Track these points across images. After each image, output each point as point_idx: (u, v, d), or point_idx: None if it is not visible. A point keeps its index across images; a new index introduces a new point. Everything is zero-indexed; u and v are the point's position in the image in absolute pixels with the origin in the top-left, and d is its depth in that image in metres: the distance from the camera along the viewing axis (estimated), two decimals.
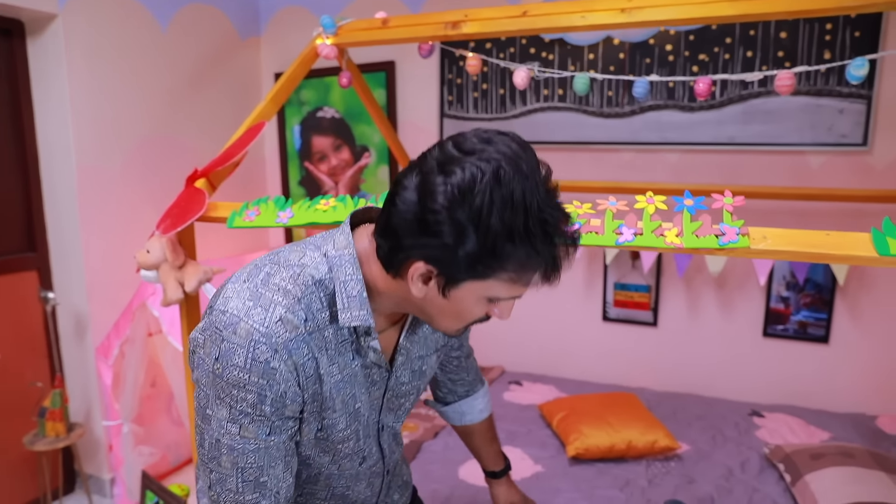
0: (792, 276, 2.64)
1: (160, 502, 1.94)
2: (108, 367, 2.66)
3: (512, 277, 0.85)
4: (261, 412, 0.88)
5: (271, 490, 0.94)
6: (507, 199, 0.78)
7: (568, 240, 0.84)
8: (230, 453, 0.90)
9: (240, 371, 0.85)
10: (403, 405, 1.11)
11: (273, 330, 0.86)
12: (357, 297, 0.91)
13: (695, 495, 1.99)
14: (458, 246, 0.80)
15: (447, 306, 0.89)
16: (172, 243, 1.63)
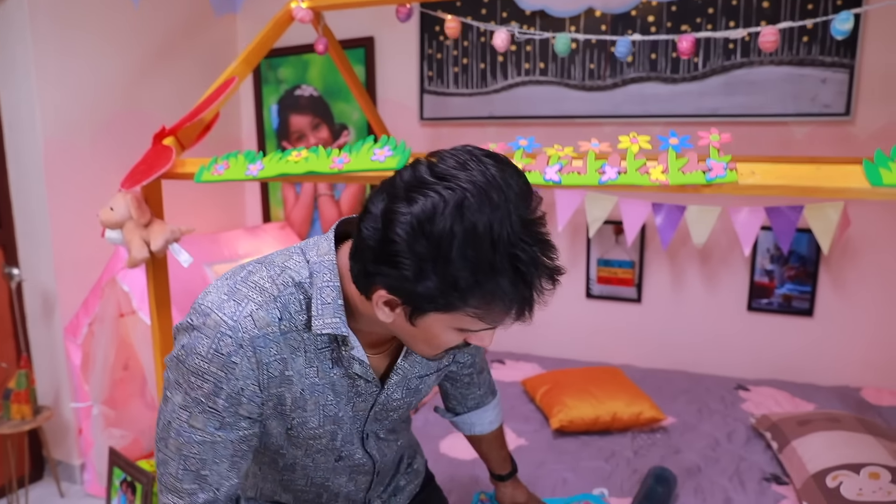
0: (776, 248, 2.62)
1: (128, 479, 1.86)
2: (77, 347, 2.57)
3: (478, 314, 0.80)
4: (213, 404, 0.87)
5: (211, 485, 0.92)
6: (468, 232, 0.73)
7: (545, 274, 0.79)
8: (177, 438, 0.89)
9: (201, 360, 0.85)
10: (391, 416, 1.09)
11: (241, 324, 0.85)
12: (332, 305, 0.88)
13: (681, 465, 1.95)
14: (417, 279, 0.76)
15: (418, 333, 0.86)
16: (137, 200, 1.56)
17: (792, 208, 2.34)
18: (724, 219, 2.54)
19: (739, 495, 1.81)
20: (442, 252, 0.74)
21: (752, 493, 1.82)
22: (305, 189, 3.44)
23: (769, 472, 1.92)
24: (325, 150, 1.42)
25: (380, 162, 1.34)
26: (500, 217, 0.73)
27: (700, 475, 1.92)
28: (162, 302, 1.69)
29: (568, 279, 2.97)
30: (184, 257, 1.58)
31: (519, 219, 0.75)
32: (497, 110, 2.93)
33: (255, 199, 3.56)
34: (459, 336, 0.86)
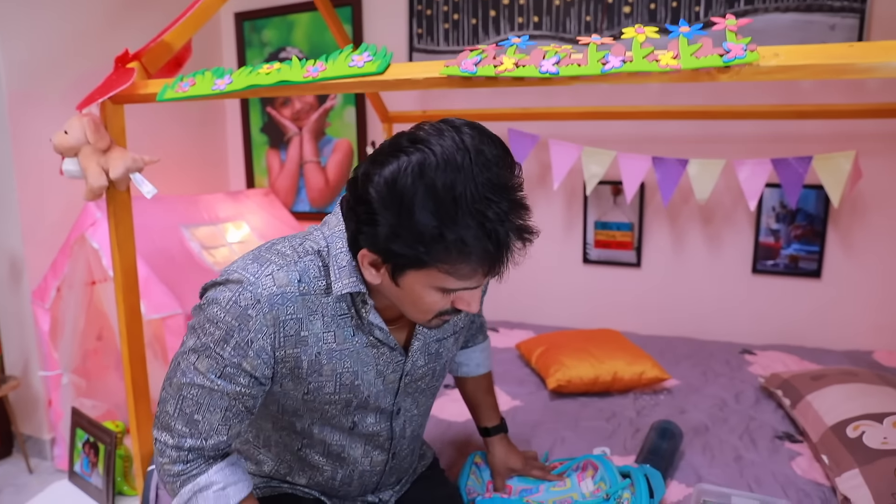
0: (782, 206, 2.50)
1: (91, 440, 1.72)
2: (45, 312, 2.42)
3: (447, 269, 0.84)
4: (220, 350, 0.92)
5: (201, 433, 0.96)
6: (428, 188, 0.79)
7: (513, 232, 0.82)
8: (181, 377, 0.95)
9: (219, 309, 0.91)
10: (419, 387, 1.13)
11: (261, 282, 0.91)
12: (347, 267, 0.94)
13: (687, 424, 1.81)
14: (390, 237, 0.82)
15: (404, 295, 0.91)
16: (95, 123, 1.42)
17: (800, 159, 2.22)
18: (727, 175, 2.42)
19: (751, 453, 1.68)
20: (405, 207, 0.79)
21: (764, 450, 1.69)
22: (291, 156, 3.30)
23: (781, 431, 1.79)
24: (298, 61, 1.29)
25: (358, 67, 1.21)
26: (464, 177, 0.79)
27: (707, 434, 1.79)
28: (124, 242, 1.55)
29: (564, 244, 2.84)
30: (147, 188, 1.44)
31: (487, 180, 0.80)
32: None
33: (239, 167, 3.42)
34: (442, 297, 0.90)
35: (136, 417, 1.61)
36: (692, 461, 1.63)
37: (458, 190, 0.79)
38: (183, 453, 0.98)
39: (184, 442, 0.97)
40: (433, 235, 0.80)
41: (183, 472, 0.98)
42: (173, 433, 0.97)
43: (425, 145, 0.81)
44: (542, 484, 1.41)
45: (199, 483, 0.98)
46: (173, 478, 0.99)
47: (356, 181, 0.87)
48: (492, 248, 0.81)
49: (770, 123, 2.43)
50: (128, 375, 1.59)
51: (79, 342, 2.50)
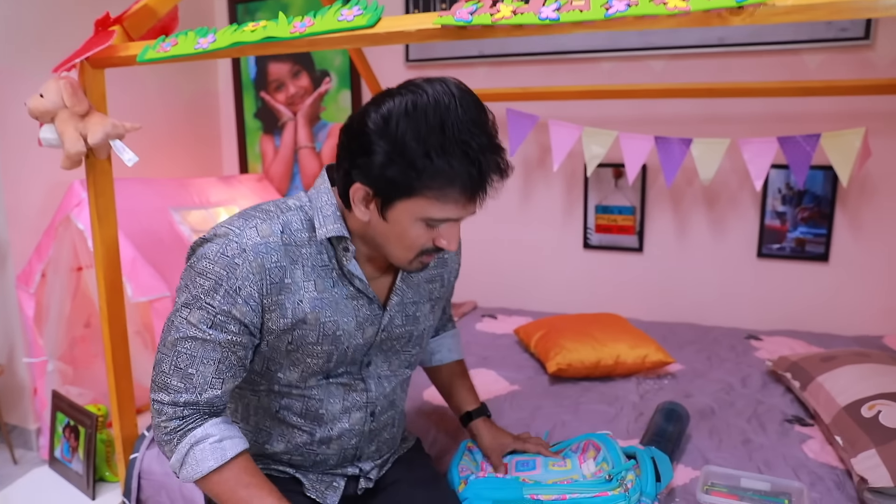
0: (788, 187, 2.43)
1: (71, 423, 1.64)
2: (30, 297, 2.35)
3: (436, 195, 0.92)
4: (210, 300, 0.97)
5: (195, 386, 1.00)
6: (420, 120, 0.89)
7: (492, 163, 0.92)
8: (175, 333, 1.00)
9: (208, 262, 0.97)
10: (394, 348, 1.17)
11: (246, 233, 0.98)
12: (332, 216, 1.02)
13: (693, 408, 1.74)
14: (384, 164, 0.91)
15: (391, 231, 0.97)
16: (72, 86, 1.35)
17: (807, 137, 2.15)
18: (732, 156, 2.35)
19: (760, 437, 1.61)
20: (399, 136, 0.89)
21: (773, 433, 1.62)
22: (285, 142, 3.23)
23: (791, 414, 1.73)
24: (285, 17, 1.22)
25: (347, 21, 1.14)
26: (451, 113, 0.89)
27: (714, 417, 1.72)
28: (105, 215, 1.48)
29: (564, 229, 2.77)
30: (128, 156, 1.37)
31: (470, 118, 0.90)
32: (487, 49, 2.74)
33: (233, 153, 3.35)
34: (426, 231, 0.97)
35: (118, 399, 1.54)
36: (699, 444, 1.57)
37: (446, 123, 0.88)
38: (178, 409, 1.01)
39: (179, 397, 1.00)
40: (423, 160, 0.89)
41: (179, 427, 1.01)
42: (169, 390, 1.00)
43: (418, 88, 0.92)
44: (539, 458, 1.34)
45: (195, 435, 1.01)
46: (170, 434, 1.01)
47: (352, 122, 0.96)
48: (475, 173, 0.91)
49: (775, 102, 2.36)
50: (108, 354, 1.52)
51: (65, 329, 2.43)
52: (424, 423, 1.68)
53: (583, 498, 1.19)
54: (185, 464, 1.01)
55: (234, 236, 0.97)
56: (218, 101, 3.32)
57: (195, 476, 1.00)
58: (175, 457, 1.01)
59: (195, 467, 1.00)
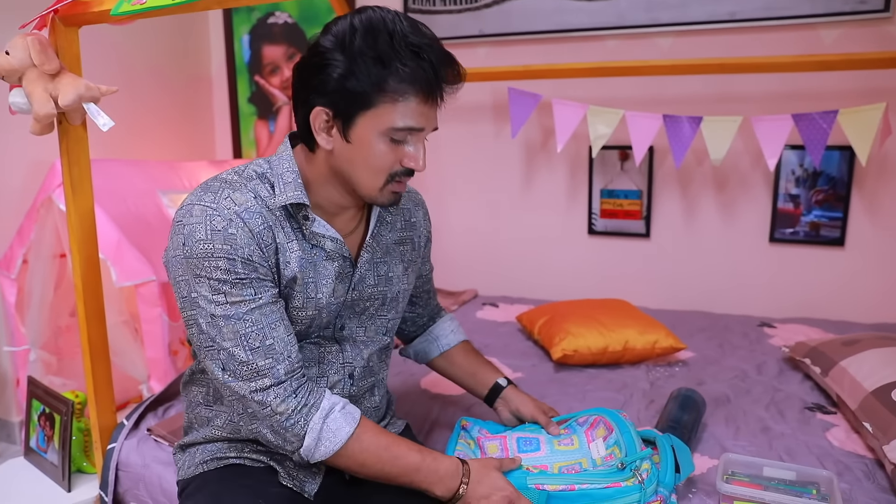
0: (802, 168, 2.33)
1: (46, 410, 1.55)
2: (11, 282, 2.26)
3: (393, 100, 0.93)
4: (236, 275, 0.95)
5: (281, 353, 0.98)
6: (367, 27, 0.91)
7: (445, 61, 0.94)
8: (227, 323, 0.95)
9: (204, 244, 0.94)
10: (368, 310, 1.14)
11: (223, 204, 0.96)
12: (292, 183, 1.01)
13: (708, 395, 1.64)
14: (340, 76, 0.92)
15: (356, 154, 0.97)
16: (41, 44, 1.24)
17: (824, 114, 2.06)
18: (744, 135, 2.25)
19: (779, 425, 1.51)
20: (353, 46, 0.91)
21: (793, 422, 1.52)
22: (280, 127, 3.13)
23: (811, 402, 1.63)
24: None
25: None
26: (398, 24, 0.92)
27: (730, 405, 1.63)
28: (79, 184, 1.38)
29: (568, 214, 2.67)
30: (102, 120, 1.27)
31: (419, 31, 0.93)
32: (488, 27, 2.64)
33: (226, 139, 3.25)
34: (392, 149, 0.97)
35: (94, 384, 1.44)
36: (715, 432, 1.47)
37: (395, 32, 0.91)
38: (285, 384, 0.98)
39: (278, 372, 0.97)
40: (376, 66, 0.91)
41: (301, 404, 0.98)
42: (262, 373, 0.97)
43: (364, 10, 0.94)
44: (542, 436, 1.24)
45: (324, 408, 1.00)
46: (295, 416, 0.98)
47: (305, 53, 0.98)
48: (428, 70, 0.92)
49: (790, 77, 2.26)
50: (84, 336, 1.41)
51: (49, 317, 2.33)
52: (421, 411, 1.59)
53: (593, 490, 1.09)
54: (320, 440, 0.98)
55: (211, 211, 0.95)
56: (211, 85, 3.22)
57: (335, 448, 0.99)
58: (309, 437, 0.98)
59: (332, 440, 0.98)
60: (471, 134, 2.76)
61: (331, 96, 0.94)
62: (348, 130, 0.95)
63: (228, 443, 1.13)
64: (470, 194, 2.81)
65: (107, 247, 2.03)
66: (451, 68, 0.95)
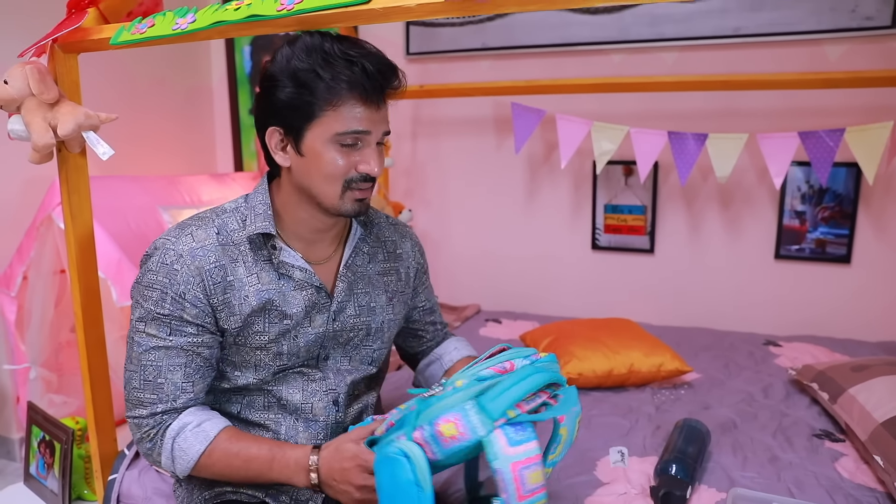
0: (808, 185, 2.31)
1: (46, 437, 1.53)
2: (11, 300, 2.24)
3: (334, 108, 0.98)
4: (161, 310, 1.01)
5: (168, 395, 1.03)
6: (303, 48, 1.00)
7: (375, 62, 1.00)
8: (136, 348, 1.03)
9: (151, 274, 1.02)
10: (352, 341, 1.16)
11: (182, 241, 1.03)
12: (262, 214, 1.07)
13: (714, 421, 1.62)
14: (283, 94, 1.00)
15: (311, 166, 1.02)
16: (40, 72, 1.23)
17: (831, 132, 2.04)
18: (750, 150, 2.23)
19: (787, 453, 1.49)
20: (292, 65, 0.99)
21: (802, 450, 1.50)
22: None
23: (819, 429, 1.61)
24: None
25: None
26: (329, 39, 1.01)
27: (736, 431, 1.61)
28: (79, 213, 1.36)
29: (571, 229, 2.66)
30: (102, 149, 1.25)
31: (348, 42, 1.01)
32: (491, 41, 2.62)
33: (227, 151, 3.23)
34: (343, 155, 1.01)
35: (95, 413, 1.42)
36: (722, 462, 1.45)
37: (326, 46, 0.99)
38: (156, 417, 1.03)
39: (156, 408, 1.03)
40: (312, 78, 0.97)
41: (157, 428, 1.04)
42: (144, 404, 1.03)
43: (300, 35, 1.03)
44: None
45: (172, 429, 1.03)
46: (152, 440, 1.04)
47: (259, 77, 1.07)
48: (360, 74, 0.97)
49: (796, 94, 2.25)
50: (84, 366, 1.40)
51: (49, 334, 2.31)
52: None
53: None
54: (175, 459, 1.03)
55: (170, 245, 1.03)
56: (212, 96, 3.21)
57: (189, 465, 1.03)
58: (164, 456, 1.04)
59: (184, 458, 1.03)
60: (473, 148, 2.74)
61: (279, 115, 1.02)
62: (300, 144, 1.02)
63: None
64: (472, 208, 2.80)
65: (107, 266, 2.01)
66: (387, 71, 1.00)
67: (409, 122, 2.83)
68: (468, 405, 0.86)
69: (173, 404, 1.03)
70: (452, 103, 2.71)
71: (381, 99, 1.02)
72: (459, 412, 0.86)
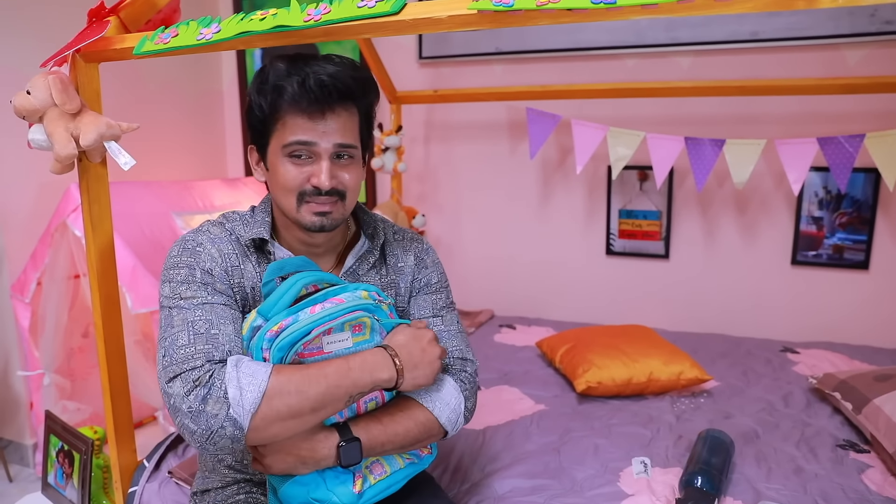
0: (825, 191, 2.29)
1: (65, 447, 1.52)
2: (25, 306, 2.23)
3: (280, 118, 1.04)
4: (194, 279, 1.03)
5: (223, 345, 0.97)
6: (267, 69, 1.07)
7: (317, 70, 1.03)
8: (179, 313, 1.00)
9: (173, 257, 1.06)
10: None
11: (199, 234, 1.10)
12: (260, 221, 1.13)
13: (735, 430, 1.61)
14: (251, 114, 1.09)
15: (273, 179, 1.08)
16: (62, 83, 1.22)
17: (850, 138, 2.02)
18: (766, 155, 2.21)
19: (812, 464, 1.47)
20: (255, 86, 1.08)
21: (826, 461, 1.49)
22: None
23: (843, 439, 1.59)
24: (298, 3, 1.09)
25: (369, 7, 1.01)
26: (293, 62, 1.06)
27: (759, 442, 1.59)
28: (99, 223, 1.35)
29: (585, 234, 2.64)
30: (124, 159, 1.24)
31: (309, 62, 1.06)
32: (504, 45, 2.61)
33: (238, 156, 3.23)
34: (296, 168, 1.05)
35: (115, 424, 1.41)
36: (746, 473, 1.43)
37: (285, 66, 1.04)
38: (212, 365, 0.93)
39: (212, 355, 0.94)
40: (267, 96, 1.04)
41: (212, 373, 0.92)
42: (196, 357, 0.94)
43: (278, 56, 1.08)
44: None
45: (231, 361, 0.94)
46: (207, 386, 0.90)
47: None
48: (297, 87, 1.01)
49: (812, 99, 2.23)
50: (104, 375, 1.39)
51: (62, 340, 2.31)
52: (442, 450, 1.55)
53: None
54: (242, 388, 0.90)
55: (189, 237, 1.09)
56: (223, 100, 3.20)
57: (261, 388, 0.90)
58: (231, 388, 0.90)
59: (254, 381, 0.90)
60: (486, 152, 2.73)
61: (250, 133, 1.11)
62: (265, 159, 1.10)
63: (237, 485, 1.13)
64: (485, 213, 2.78)
65: (122, 273, 2.00)
66: (329, 84, 1.01)
67: (422, 126, 2.82)
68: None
69: (228, 355, 0.95)
70: (466, 108, 2.70)
71: (325, 110, 1.03)
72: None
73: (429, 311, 1.20)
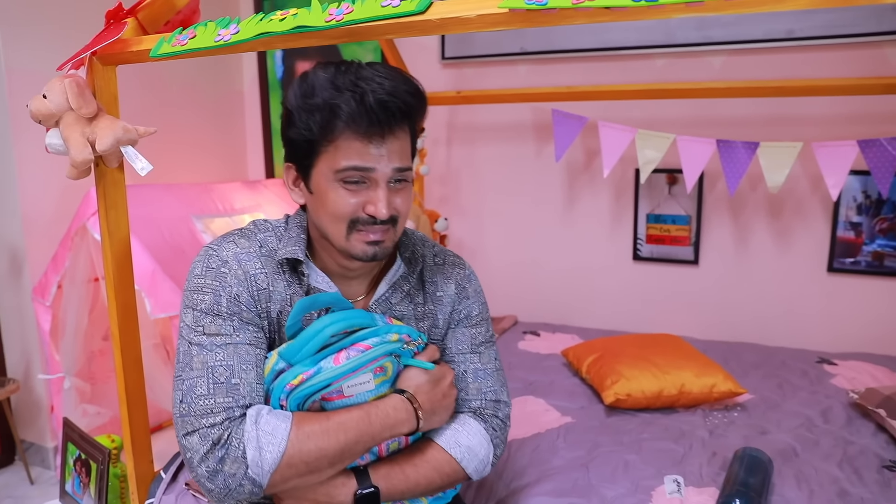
0: (865, 195, 2.20)
1: (82, 456, 1.50)
2: (46, 310, 2.22)
3: (333, 141, 0.94)
4: (218, 311, 0.95)
5: (244, 396, 0.92)
6: (305, 80, 0.97)
7: (376, 90, 0.91)
8: (200, 353, 0.93)
9: (197, 278, 0.98)
10: None
11: (224, 247, 1.00)
12: (295, 238, 1.04)
13: (773, 448, 1.54)
14: (293, 132, 0.98)
15: (319, 205, 0.98)
16: (79, 86, 1.19)
17: (893, 140, 1.93)
18: (802, 157, 2.13)
19: (857, 487, 1.39)
20: (296, 100, 0.97)
21: (872, 483, 1.40)
22: None
23: (888, 459, 1.51)
24: (319, 3, 1.05)
25: (393, 7, 0.96)
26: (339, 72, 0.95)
27: (798, 460, 1.52)
28: (116, 229, 1.32)
29: (612, 239, 2.57)
30: (140, 164, 1.21)
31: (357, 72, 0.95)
32: (529, 45, 2.55)
33: (258, 158, 3.20)
34: (349, 194, 0.95)
35: (131, 431, 1.38)
36: (787, 495, 1.36)
37: (333, 79, 0.94)
38: (233, 422, 0.90)
39: (233, 412, 0.90)
40: (315, 114, 0.93)
41: (230, 431, 0.89)
42: (216, 411, 0.89)
43: (319, 64, 0.99)
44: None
45: (250, 417, 0.90)
46: (226, 446, 0.88)
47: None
48: (356, 107, 0.91)
49: (851, 99, 2.14)
50: (121, 385, 1.36)
51: (82, 343, 2.30)
52: None
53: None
54: (262, 447, 0.88)
55: (213, 251, 0.99)
56: (243, 101, 3.18)
57: (281, 448, 0.88)
58: (250, 448, 0.88)
59: (273, 441, 0.88)
60: (510, 154, 2.67)
61: (290, 151, 1.01)
62: (308, 181, 0.99)
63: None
64: (509, 216, 2.73)
65: (141, 277, 1.98)
66: (390, 103, 0.92)
67: (445, 127, 2.77)
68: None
69: (248, 406, 0.92)
70: (489, 109, 2.64)
71: (385, 133, 0.93)
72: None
73: (466, 346, 1.13)
